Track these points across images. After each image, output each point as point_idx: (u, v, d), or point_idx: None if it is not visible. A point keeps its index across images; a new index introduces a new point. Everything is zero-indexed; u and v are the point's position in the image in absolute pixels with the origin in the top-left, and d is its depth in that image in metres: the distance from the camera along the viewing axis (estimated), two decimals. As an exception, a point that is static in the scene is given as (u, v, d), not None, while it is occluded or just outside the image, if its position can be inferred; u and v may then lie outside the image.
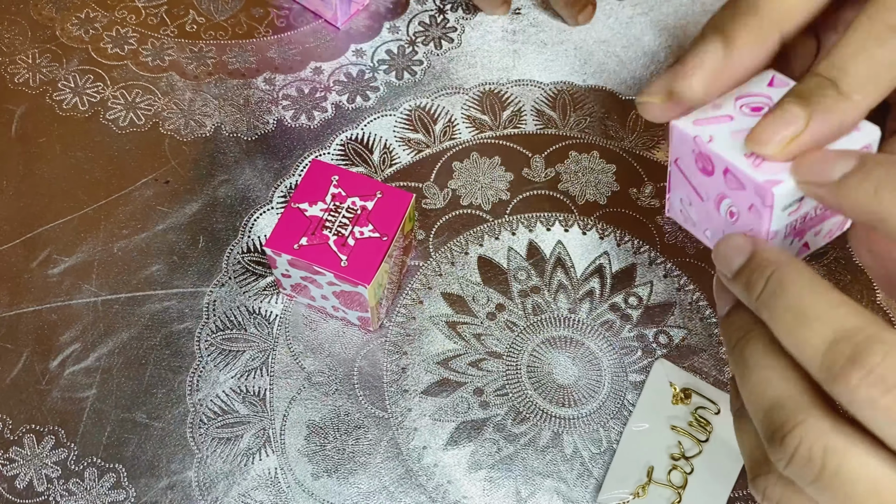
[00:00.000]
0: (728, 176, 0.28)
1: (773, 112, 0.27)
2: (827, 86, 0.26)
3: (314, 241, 0.37)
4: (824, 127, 0.26)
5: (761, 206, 0.27)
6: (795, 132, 0.26)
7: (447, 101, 0.48)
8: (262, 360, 0.41)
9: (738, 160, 0.28)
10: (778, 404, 0.25)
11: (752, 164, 0.27)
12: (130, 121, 0.47)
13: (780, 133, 0.26)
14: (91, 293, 0.42)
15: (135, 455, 0.38)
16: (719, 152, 0.28)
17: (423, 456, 0.39)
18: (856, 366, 0.22)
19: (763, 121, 0.27)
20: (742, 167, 0.27)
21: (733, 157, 0.28)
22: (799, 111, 0.26)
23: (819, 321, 0.23)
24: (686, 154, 0.30)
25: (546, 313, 0.42)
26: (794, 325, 0.24)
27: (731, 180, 0.28)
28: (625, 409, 0.40)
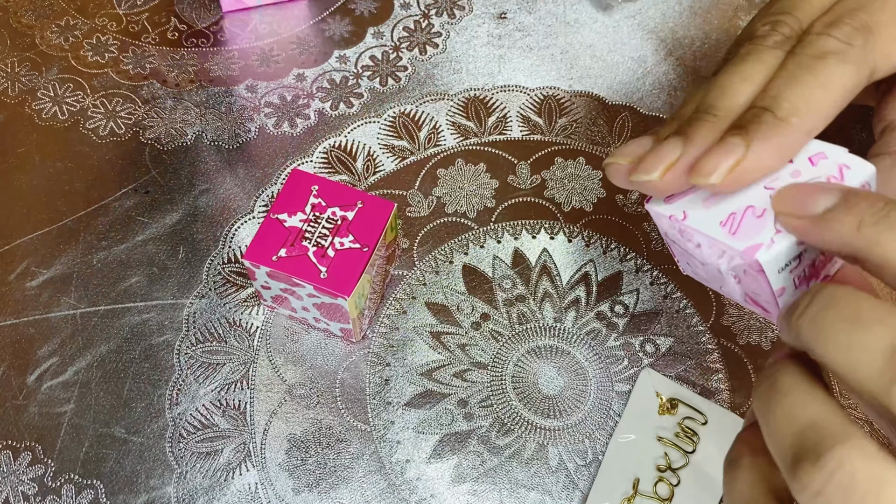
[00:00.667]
0: (714, 247, 0.28)
1: (715, 145, 0.27)
2: (762, 113, 0.27)
3: (293, 253, 0.36)
4: (765, 152, 0.26)
5: (754, 273, 0.27)
6: (736, 159, 0.26)
7: (432, 108, 0.48)
8: (242, 372, 0.40)
9: (715, 231, 0.27)
10: (814, 424, 0.22)
11: (729, 233, 0.27)
12: (111, 130, 0.46)
13: (722, 163, 0.26)
14: (70, 306, 0.41)
15: (113, 471, 0.38)
16: (695, 227, 0.28)
17: (406, 469, 0.38)
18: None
19: (705, 155, 0.27)
20: (721, 238, 0.27)
21: (710, 229, 0.27)
22: (737, 140, 0.27)
23: (878, 324, 0.21)
24: (671, 230, 0.30)
25: (531, 322, 0.42)
26: (848, 332, 0.22)
27: (716, 250, 0.28)
28: (611, 419, 0.39)
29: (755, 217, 0.27)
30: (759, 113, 0.27)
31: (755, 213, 0.27)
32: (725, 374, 0.40)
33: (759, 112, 0.27)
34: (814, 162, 0.27)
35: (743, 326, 0.42)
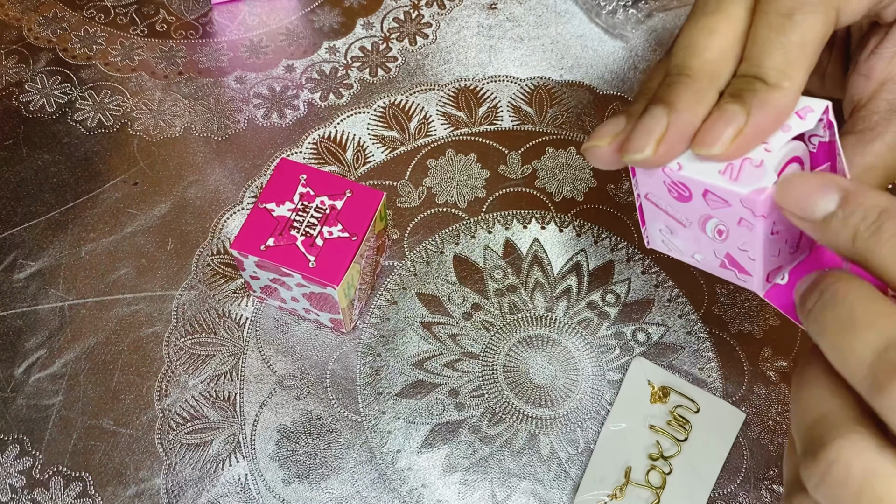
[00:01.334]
0: (709, 196, 0.28)
1: (713, 115, 0.27)
2: (753, 82, 0.27)
3: (281, 242, 0.36)
4: (764, 118, 0.26)
5: (752, 218, 0.27)
6: (738, 128, 0.26)
7: (422, 98, 0.48)
8: (232, 363, 0.40)
9: (715, 179, 0.27)
10: (823, 418, 0.23)
11: (730, 179, 0.27)
12: (99, 122, 0.46)
13: (724, 132, 0.26)
14: (58, 298, 0.41)
15: (102, 463, 0.37)
16: (693, 176, 0.28)
17: (397, 459, 0.38)
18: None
19: (705, 124, 0.27)
20: (723, 185, 0.27)
21: (709, 177, 0.27)
22: (737, 108, 0.27)
23: (868, 329, 0.22)
24: (656, 186, 0.29)
25: (522, 312, 0.42)
26: (840, 334, 0.23)
27: (712, 200, 0.28)
28: (602, 408, 0.39)
29: (753, 166, 0.27)
30: (750, 82, 0.27)
31: (753, 163, 0.27)
32: (717, 362, 0.40)
33: (751, 81, 0.27)
34: (801, 115, 0.27)
35: (734, 315, 0.41)
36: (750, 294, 0.42)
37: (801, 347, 0.41)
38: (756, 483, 0.38)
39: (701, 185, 0.28)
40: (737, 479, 0.38)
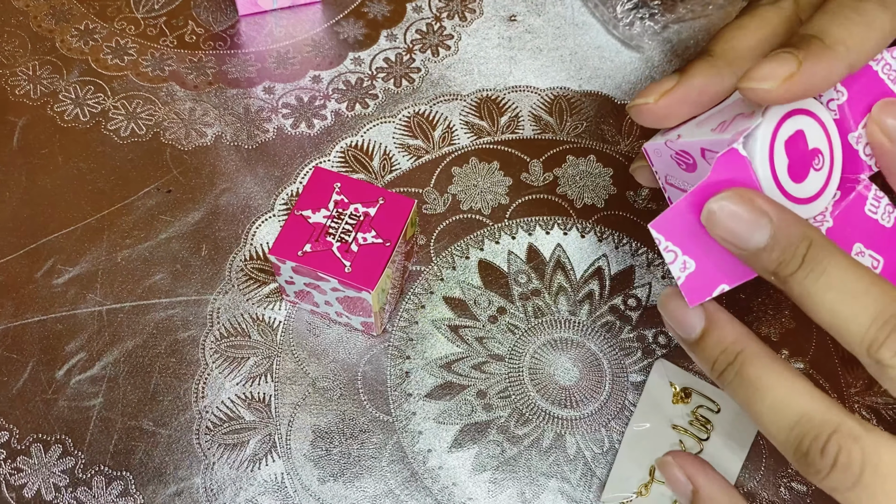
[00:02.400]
0: (707, 155, 0.29)
1: (766, 57, 0.28)
2: (811, 39, 0.28)
3: (318, 248, 0.37)
4: (816, 70, 0.27)
5: (738, 163, 0.29)
6: (790, 71, 0.27)
7: (445, 108, 0.49)
8: (266, 366, 0.41)
9: (706, 135, 0.29)
10: (806, 417, 0.26)
11: (719, 132, 0.29)
12: (132, 131, 0.47)
13: (777, 71, 0.27)
14: (96, 302, 0.42)
15: (142, 462, 0.39)
16: (688, 139, 0.29)
17: (428, 459, 0.39)
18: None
19: (758, 63, 0.28)
20: (709, 137, 0.29)
21: (701, 135, 0.29)
22: (791, 57, 0.27)
23: (866, 296, 0.25)
24: (667, 164, 0.31)
25: (547, 316, 0.43)
26: (839, 302, 0.26)
27: (711, 157, 0.29)
28: (626, 409, 0.40)
29: (745, 118, 0.28)
30: (807, 38, 0.28)
31: (744, 116, 0.28)
32: (736, 364, 0.42)
33: (808, 38, 0.28)
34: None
35: (751, 318, 0.43)
36: (766, 297, 0.43)
37: (816, 349, 0.42)
38: (775, 481, 0.39)
39: (697, 146, 0.29)
40: (756, 477, 0.39)
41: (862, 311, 0.25)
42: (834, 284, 0.25)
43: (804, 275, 0.26)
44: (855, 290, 0.25)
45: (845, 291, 0.25)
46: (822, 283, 0.26)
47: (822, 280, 0.26)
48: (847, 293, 0.25)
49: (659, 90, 0.32)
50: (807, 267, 0.26)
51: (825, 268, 0.26)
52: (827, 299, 0.26)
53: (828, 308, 0.26)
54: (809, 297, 0.26)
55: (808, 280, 0.26)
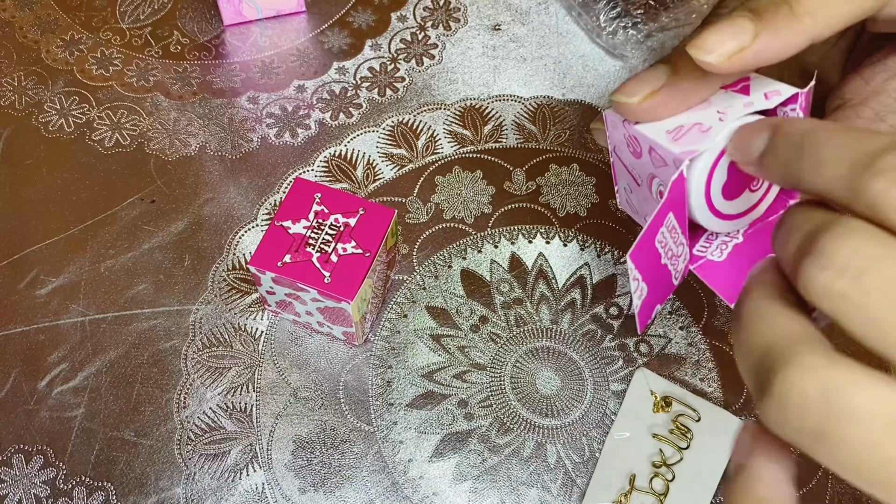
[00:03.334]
0: (653, 154, 0.29)
1: (722, 22, 0.26)
2: (781, 4, 0.26)
3: (297, 259, 0.38)
4: (770, 45, 0.26)
5: (676, 180, 0.28)
6: (741, 45, 0.26)
7: (429, 117, 0.49)
8: (248, 376, 0.41)
9: (659, 137, 0.28)
10: (766, 350, 0.21)
11: (671, 139, 0.28)
12: (116, 141, 0.48)
13: (726, 43, 0.26)
14: (78, 313, 0.42)
15: (123, 473, 0.39)
16: (643, 131, 0.29)
17: (409, 468, 0.39)
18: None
19: (709, 28, 0.26)
20: (662, 143, 0.28)
21: (655, 134, 0.29)
22: (749, 24, 0.26)
23: (844, 136, 0.21)
24: (619, 140, 0.31)
25: (529, 325, 0.43)
26: (817, 147, 0.22)
27: (655, 158, 0.29)
28: (607, 417, 0.41)
29: (700, 132, 0.28)
30: (776, 2, 0.26)
31: (701, 128, 0.28)
32: (717, 372, 0.42)
33: (777, 1, 0.26)
34: (767, 97, 0.29)
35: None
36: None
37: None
38: (756, 489, 0.39)
39: (648, 141, 0.29)
40: (737, 486, 0.39)
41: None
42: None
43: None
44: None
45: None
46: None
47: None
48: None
49: (644, 90, 0.29)
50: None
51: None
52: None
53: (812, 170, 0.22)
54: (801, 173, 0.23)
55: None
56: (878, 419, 0.18)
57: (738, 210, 0.31)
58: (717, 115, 0.29)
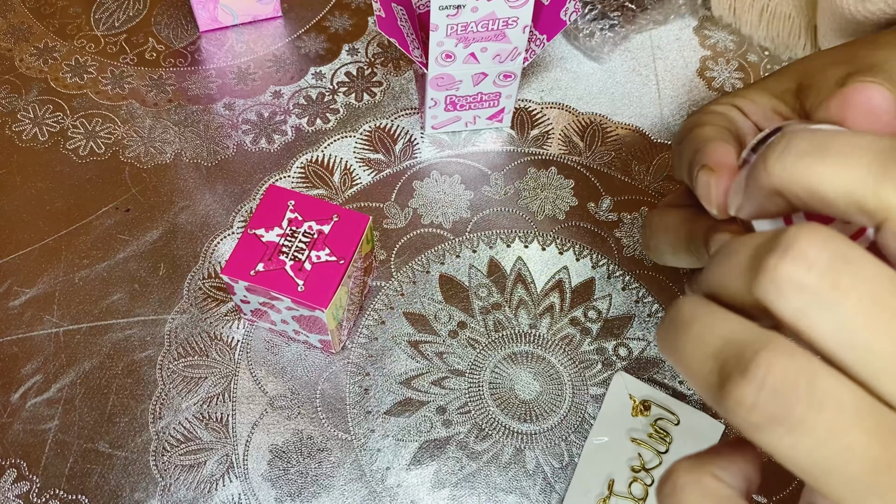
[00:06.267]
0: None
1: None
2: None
3: (270, 267, 0.37)
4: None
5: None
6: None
7: (406, 122, 0.49)
8: (224, 385, 0.41)
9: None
10: (728, 341, 0.20)
11: None
12: (91, 150, 0.47)
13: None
14: (52, 324, 0.42)
15: (98, 485, 0.38)
16: None
17: (387, 477, 0.39)
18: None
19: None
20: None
21: None
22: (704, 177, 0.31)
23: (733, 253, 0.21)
24: None
25: (507, 329, 0.43)
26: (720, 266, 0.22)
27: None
28: (586, 422, 0.40)
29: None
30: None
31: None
32: (696, 375, 0.41)
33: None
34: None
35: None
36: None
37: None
38: (736, 492, 0.39)
39: None
40: (717, 489, 0.39)
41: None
42: None
43: None
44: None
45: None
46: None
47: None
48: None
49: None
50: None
51: None
52: None
53: None
54: None
55: None
56: (847, 406, 0.18)
57: None
58: None
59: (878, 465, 0.19)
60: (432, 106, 0.46)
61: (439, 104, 0.46)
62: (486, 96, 0.46)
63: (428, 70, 0.43)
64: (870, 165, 0.20)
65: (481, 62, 0.43)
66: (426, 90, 0.45)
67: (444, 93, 0.45)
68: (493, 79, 0.44)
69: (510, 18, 0.40)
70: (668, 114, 0.50)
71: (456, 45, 0.41)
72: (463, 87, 0.44)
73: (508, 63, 0.43)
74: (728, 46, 0.52)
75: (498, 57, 0.43)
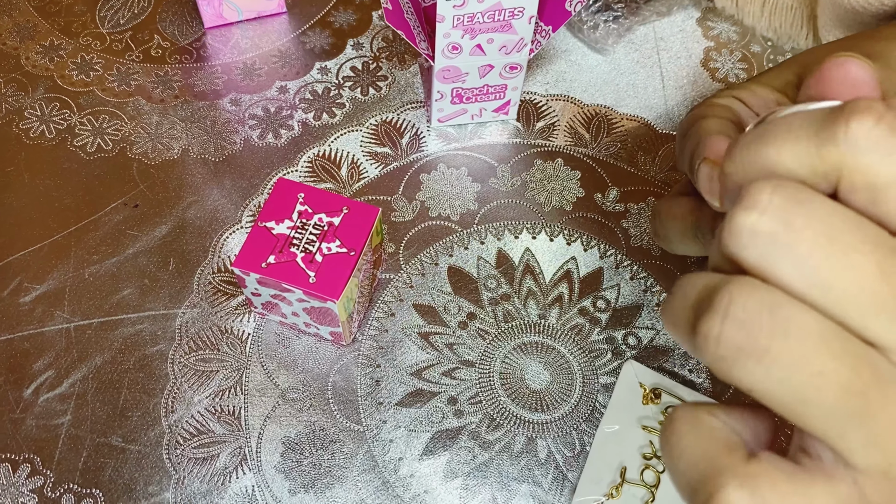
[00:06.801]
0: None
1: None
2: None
3: (282, 259, 0.37)
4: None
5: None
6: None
7: (412, 115, 0.49)
8: (235, 378, 0.41)
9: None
10: (705, 287, 0.21)
11: None
12: (98, 146, 0.47)
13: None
14: (63, 319, 0.42)
15: (112, 479, 0.38)
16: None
17: (400, 467, 0.39)
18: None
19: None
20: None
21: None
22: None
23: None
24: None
25: (516, 320, 0.43)
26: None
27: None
28: (597, 411, 0.41)
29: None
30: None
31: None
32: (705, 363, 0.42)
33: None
34: None
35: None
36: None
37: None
38: (747, 478, 0.39)
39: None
40: (728, 476, 0.39)
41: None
42: None
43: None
44: None
45: None
46: None
47: None
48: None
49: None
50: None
51: None
52: None
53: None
54: None
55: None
56: (812, 332, 0.19)
57: None
58: None
59: (850, 391, 0.19)
60: (438, 99, 0.46)
61: (445, 97, 0.46)
62: (492, 88, 0.46)
63: (434, 62, 0.43)
64: (808, 134, 0.21)
65: (487, 54, 0.43)
66: (432, 83, 0.45)
67: (451, 85, 0.45)
68: (499, 70, 0.44)
69: (516, 9, 0.40)
70: (672, 105, 0.50)
71: (462, 37, 0.42)
72: (469, 79, 0.45)
73: (514, 54, 0.43)
74: (731, 37, 0.53)
75: (504, 48, 0.43)
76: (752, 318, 0.19)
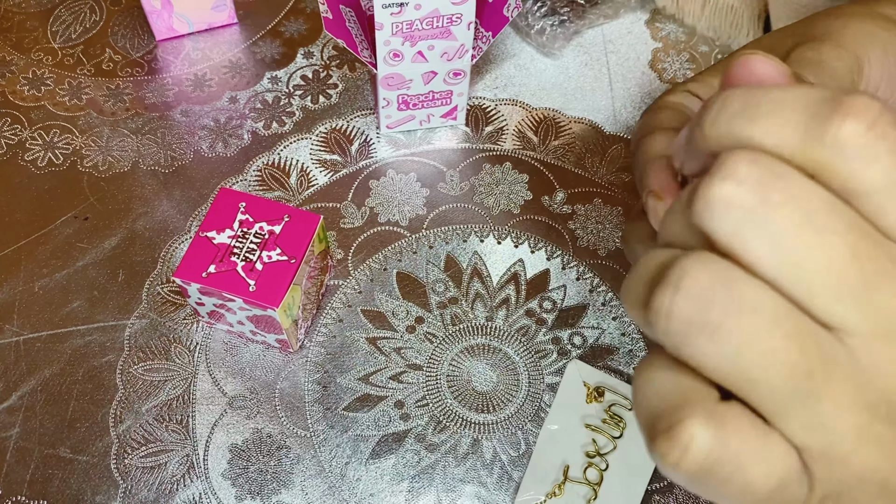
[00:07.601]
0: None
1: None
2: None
3: (222, 269, 0.38)
4: None
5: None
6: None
7: (362, 122, 0.50)
8: (183, 387, 0.41)
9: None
10: (660, 263, 0.21)
11: None
12: (49, 160, 0.48)
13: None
14: (12, 333, 0.42)
15: (59, 490, 0.39)
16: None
17: (346, 471, 0.39)
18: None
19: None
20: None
21: None
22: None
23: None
24: None
25: (464, 323, 0.43)
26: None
27: None
28: (542, 411, 0.41)
29: None
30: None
31: None
32: (650, 360, 0.42)
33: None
34: None
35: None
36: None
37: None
38: (690, 474, 0.39)
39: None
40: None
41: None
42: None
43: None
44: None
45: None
46: None
47: None
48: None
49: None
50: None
51: None
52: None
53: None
54: None
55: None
56: (765, 310, 0.19)
57: None
58: None
59: (797, 371, 0.19)
60: (385, 106, 0.46)
61: (392, 104, 0.46)
62: (437, 94, 0.46)
63: (377, 70, 0.44)
64: (797, 123, 0.20)
65: (429, 60, 0.43)
66: (378, 90, 0.45)
67: (396, 92, 0.45)
68: (442, 77, 0.45)
69: (454, 15, 0.41)
70: (620, 106, 0.51)
71: (403, 44, 0.42)
72: (414, 85, 0.45)
73: (457, 61, 0.44)
74: (679, 38, 0.53)
75: (445, 55, 0.43)
76: (704, 293, 0.19)
